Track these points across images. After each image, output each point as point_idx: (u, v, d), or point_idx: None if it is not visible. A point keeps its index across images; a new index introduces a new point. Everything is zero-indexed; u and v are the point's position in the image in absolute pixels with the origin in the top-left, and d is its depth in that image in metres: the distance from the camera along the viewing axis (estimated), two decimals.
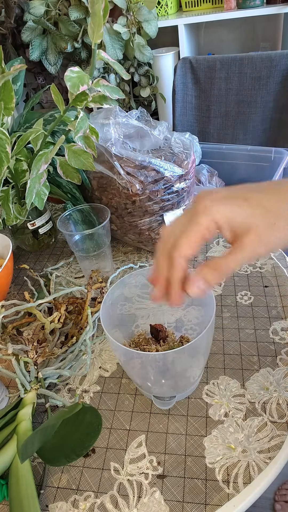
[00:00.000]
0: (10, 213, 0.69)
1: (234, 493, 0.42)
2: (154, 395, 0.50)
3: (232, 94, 1.31)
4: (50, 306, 0.66)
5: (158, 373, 0.48)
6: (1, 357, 0.55)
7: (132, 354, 0.47)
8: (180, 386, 0.50)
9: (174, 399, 0.49)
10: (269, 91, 1.25)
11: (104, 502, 0.43)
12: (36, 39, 1.60)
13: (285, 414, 0.48)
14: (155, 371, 0.47)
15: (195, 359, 0.47)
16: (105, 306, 0.50)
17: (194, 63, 1.32)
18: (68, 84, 0.55)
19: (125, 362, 0.49)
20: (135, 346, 0.55)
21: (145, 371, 0.48)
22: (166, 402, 0.49)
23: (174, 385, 0.50)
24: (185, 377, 0.49)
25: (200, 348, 0.45)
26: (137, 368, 0.48)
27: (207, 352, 0.49)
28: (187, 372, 0.48)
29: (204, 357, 0.48)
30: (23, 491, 0.43)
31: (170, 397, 0.49)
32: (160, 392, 0.50)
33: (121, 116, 0.72)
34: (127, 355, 0.47)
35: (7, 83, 0.58)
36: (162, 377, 0.49)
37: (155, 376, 0.48)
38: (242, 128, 1.36)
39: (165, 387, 0.50)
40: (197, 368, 0.49)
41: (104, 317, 0.49)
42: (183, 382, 0.50)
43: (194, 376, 0.50)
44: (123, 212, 0.71)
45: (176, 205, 0.70)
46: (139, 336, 0.57)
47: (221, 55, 1.29)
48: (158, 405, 0.50)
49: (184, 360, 0.46)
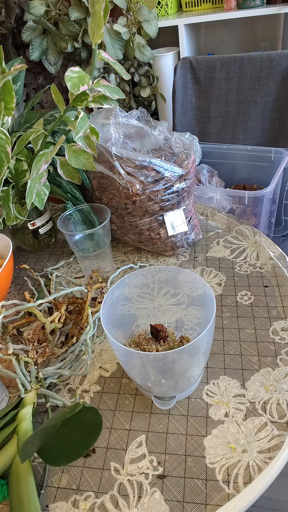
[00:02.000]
0: (10, 213, 0.69)
1: (234, 493, 0.42)
2: (154, 395, 0.50)
3: (232, 94, 1.31)
4: (50, 306, 0.67)
5: (158, 373, 0.48)
6: (2, 357, 0.55)
7: (133, 354, 0.47)
8: (180, 386, 0.50)
9: (174, 399, 0.49)
10: (269, 91, 1.25)
11: (104, 502, 0.43)
12: (36, 39, 1.60)
13: (285, 414, 0.48)
14: (155, 371, 0.47)
15: (195, 359, 0.47)
16: (105, 306, 0.50)
17: (194, 63, 1.32)
18: (69, 84, 0.55)
19: (125, 362, 0.49)
20: (135, 346, 0.55)
21: (145, 371, 0.48)
22: (166, 402, 0.49)
23: (174, 385, 0.50)
24: (186, 377, 0.49)
25: (200, 348, 0.45)
26: (137, 368, 0.48)
27: (207, 352, 0.49)
28: (188, 372, 0.48)
29: (204, 357, 0.48)
30: (23, 491, 0.43)
31: (170, 397, 0.49)
32: (160, 392, 0.50)
33: (121, 116, 0.72)
34: (127, 355, 0.47)
35: (7, 83, 0.58)
36: (162, 377, 0.49)
37: (155, 376, 0.48)
38: (242, 128, 1.36)
39: (165, 387, 0.50)
40: (197, 368, 0.49)
41: (105, 317, 0.49)
42: (183, 382, 0.50)
43: (194, 376, 0.50)
44: (123, 212, 0.71)
45: (176, 205, 0.70)
46: (139, 336, 0.57)
47: (221, 55, 1.29)
48: (158, 405, 0.50)
49: (184, 360, 0.46)
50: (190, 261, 0.75)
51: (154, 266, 0.56)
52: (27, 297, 0.64)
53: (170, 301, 0.60)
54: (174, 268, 0.56)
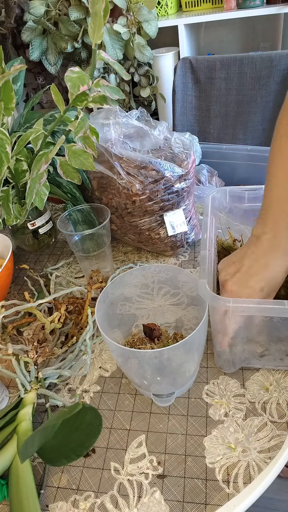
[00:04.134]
0: (10, 213, 0.69)
1: (234, 493, 0.42)
2: (154, 393, 0.50)
3: (232, 94, 1.31)
4: (50, 306, 0.67)
5: (155, 371, 0.48)
6: (1, 357, 0.55)
7: (129, 353, 0.47)
8: (178, 382, 0.50)
9: (173, 395, 0.49)
10: (269, 91, 1.25)
11: (104, 502, 0.43)
12: (36, 39, 1.60)
13: (285, 414, 0.48)
14: (152, 368, 0.48)
15: (189, 355, 0.47)
16: (101, 305, 0.50)
17: (194, 63, 1.32)
18: (68, 84, 0.55)
19: (123, 362, 0.49)
20: (130, 346, 0.55)
21: (143, 370, 0.48)
22: (166, 399, 0.49)
23: (172, 382, 0.50)
24: (182, 372, 0.49)
25: (194, 344, 0.45)
26: (134, 368, 0.49)
27: (201, 347, 0.49)
28: (183, 367, 0.48)
29: (199, 352, 0.49)
30: (23, 491, 0.43)
31: (169, 393, 0.49)
32: (159, 389, 0.50)
33: (121, 116, 0.72)
34: (124, 354, 0.47)
35: (7, 83, 0.58)
36: (159, 374, 0.49)
37: (152, 374, 0.49)
38: (242, 128, 1.36)
39: (163, 384, 0.50)
40: (192, 363, 0.49)
41: (100, 316, 0.49)
42: (180, 377, 0.50)
43: (189, 370, 0.50)
44: (123, 212, 0.71)
45: (176, 205, 0.70)
46: (133, 336, 0.57)
47: (221, 55, 1.28)
48: (158, 402, 0.50)
49: (180, 356, 0.46)
50: (190, 261, 0.75)
51: (155, 265, 0.56)
52: (27, 297, 0.64)
53: (169, 301, 0.60)
54: (174, 268, 0.56)
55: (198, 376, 0.54)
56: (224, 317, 0.45)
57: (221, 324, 0.46)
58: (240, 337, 0.47)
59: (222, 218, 0.61)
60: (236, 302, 0.42)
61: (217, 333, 0.48)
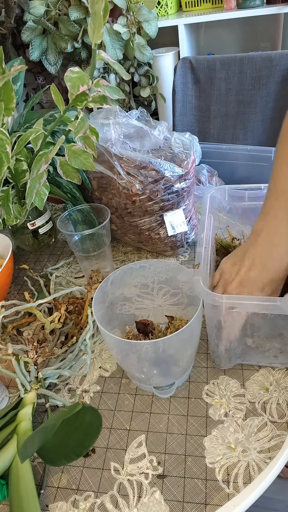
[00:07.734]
0: (10, 213, 0.69)
1: (234, 493, 0.42)
2: (154, 386, 0.50)
3: (232, 94, 1.31)
4: (50, 306, 0.67)
5: (153, 362, 0.48)
6: (1, 357, 0.55)
7: (128, 348, 0.47)
8: (177, 372, 0.51)
9: (174, 385, 0.50)
10: (269, 91, 1.25)
11: (104, 502, 0.43)
12: (36, 39, 1.60)
13: (285, 414, 0.48)
14: (151, 359, 0.48)
15: (186, 344, 0.48)
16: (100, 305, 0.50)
17: (194, 63, 1.32)
18: (68, 84, 0.55)
19: (123, 358, 0.50)
20: None
21: (142, 365, 0.49)
22: (166, 390, 0.49)
23: (172, 372, 0.50)
24: (180, 360, 0.50)
25: (187, 333, 0.46)
26: (134, 362, 0.49)
27: (196, 338, 0.50)
28: (180, 353, 0.49)
29: (194, 340, 0.50)
30: (23, 491, 0.43)
31: (170, 384, 0.49)
32: (159, 381, 0.50)
33: (121, 116, 0.72)
34: (124, 350, 0.48)
35: (7, 83, 0.58)
36: (158, 365, 0.49)
37: (150, 366, 0.49)
38: (242, 128, 1.36)
39: (163, 375, 0.50)
40: (191, 349, 0.50)
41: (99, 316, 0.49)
42: (178, 366, 0.50)
43: (187, 360, 0.51)
44: (123, 212, 0.71)
45: (176, 205, 0.70)
46: (127, 333, 0.57)
47: (221, 55, 1.28)
48: (160, 395, 0.50)
49: (176, 345, 0.47)
50: (190, 261, 0.75)
51: (155, 264, 0.56)
52: (27, 297, 0.64)
53: (169, 301, 0.60)
54: (174, 268, 0.56)
55: (198, 376, 0.54)
56: (219, 313, 0.46)
57: (218, 320, 0.47)
58: (236, 333, 0.48)
59: (222, 217, 0.61)
60: (230, 299, 0.42)
61: (212, 330, 0.49)
